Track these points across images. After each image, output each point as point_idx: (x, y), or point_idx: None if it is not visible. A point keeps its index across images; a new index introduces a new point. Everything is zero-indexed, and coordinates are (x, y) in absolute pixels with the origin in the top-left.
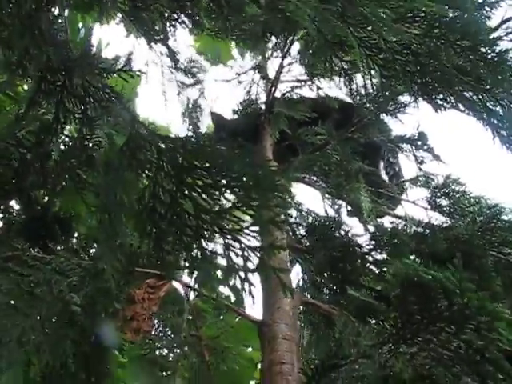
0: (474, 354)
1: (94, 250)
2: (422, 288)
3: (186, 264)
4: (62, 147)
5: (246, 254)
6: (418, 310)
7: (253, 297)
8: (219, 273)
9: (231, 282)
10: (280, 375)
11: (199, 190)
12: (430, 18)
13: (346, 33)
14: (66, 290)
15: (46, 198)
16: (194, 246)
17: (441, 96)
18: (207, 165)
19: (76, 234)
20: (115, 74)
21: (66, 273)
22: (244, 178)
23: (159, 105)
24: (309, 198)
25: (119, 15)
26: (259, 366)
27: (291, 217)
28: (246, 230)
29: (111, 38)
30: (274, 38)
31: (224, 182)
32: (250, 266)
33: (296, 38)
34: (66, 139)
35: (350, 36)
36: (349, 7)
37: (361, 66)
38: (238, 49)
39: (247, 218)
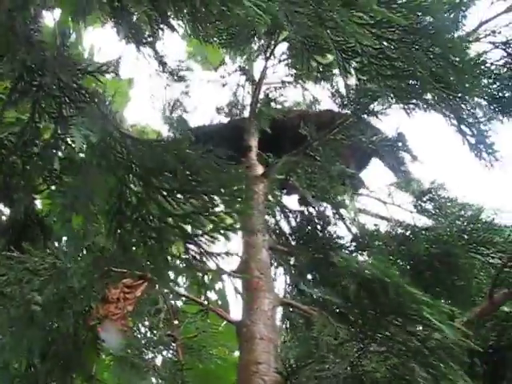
0: (421, 345)
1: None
2: (367, 282)
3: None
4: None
5: (203, 258)
6: (370, 304)
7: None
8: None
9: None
10: (256, 375)
11: (165, 193)
12: (404, 24)
13: (323, 36)
14: (33, 289)
15: (29, 201)
16: (157, 248)
17: (414, 101)
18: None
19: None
20: (108, 76)
21: (39, 272)
22: (210, 183)
23: (151, 109)
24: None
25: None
26: None
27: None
28: (206, 236)
29: (104, 43)
30: (257, 40)
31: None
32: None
33: (280, 39)
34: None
35: (328, 39)
36: (322, 11)
37: (337, 69)
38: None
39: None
